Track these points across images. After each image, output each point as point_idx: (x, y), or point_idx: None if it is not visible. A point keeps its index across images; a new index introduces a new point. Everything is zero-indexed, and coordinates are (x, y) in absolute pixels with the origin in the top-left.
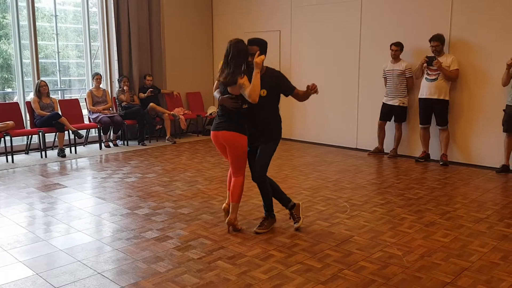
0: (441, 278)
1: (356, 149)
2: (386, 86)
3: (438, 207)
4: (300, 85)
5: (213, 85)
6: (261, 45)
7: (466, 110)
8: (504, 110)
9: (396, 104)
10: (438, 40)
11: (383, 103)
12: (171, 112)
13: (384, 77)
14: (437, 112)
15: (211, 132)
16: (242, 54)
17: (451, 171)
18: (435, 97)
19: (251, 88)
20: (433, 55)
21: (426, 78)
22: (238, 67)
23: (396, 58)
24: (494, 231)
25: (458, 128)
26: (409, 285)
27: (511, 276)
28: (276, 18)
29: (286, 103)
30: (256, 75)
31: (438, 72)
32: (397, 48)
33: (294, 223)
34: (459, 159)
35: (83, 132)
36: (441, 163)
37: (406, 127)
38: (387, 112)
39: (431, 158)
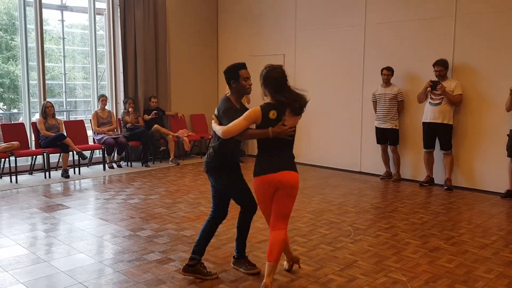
0: None
1: (360, 172)
2: (376, 109)
3: (443, 232)
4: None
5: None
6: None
7: (470, 134)
8: (508, 135)
9: (389, 127)
10: (442, 65)
11: (376, 127)
12: (175, 134)
13: (374, 101)
14: (441, 136)
15: (268, 175)
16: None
17: (455, 196)
18: (439, 121)
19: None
20: (437, 79)
21: (429, 102)
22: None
23: (387, 82)
24: (499, 257)
25: (462, 153)
26: None
27: None
28: (281, 42)
29: None
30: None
31: (442, 96)
32: (389, 73)
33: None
34: (464, 184)
35: (87, 153)
36: (445, 187)
37: (409, 151)
38: (381, 136)
39: (435, 182)
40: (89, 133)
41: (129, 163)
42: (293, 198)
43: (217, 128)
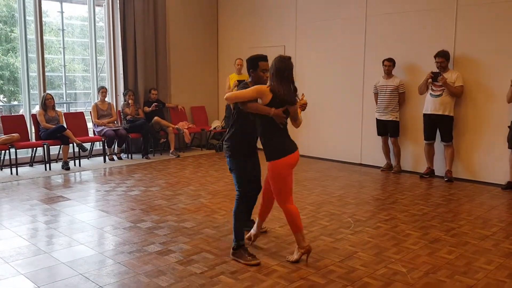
0: None
1: (361, 164)
2: (377, 101)
3: (443, 224)
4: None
5: (218, 99)
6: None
7: (471, 126)
8: (509, 126)
9: (389, 119)
10: (443, 56)
11: (377, 119)
12: (176, 126)
13: (375, 93)
14: (441, 128)
15: (294, 152)
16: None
17: (456, 188)
18: (440, 112)
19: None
20: (438, 71)
21: (430, 93)
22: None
23: (389, 73)
24: (500, 248)
25: (463, 144)
26: None
27: None
28: (281, 33)
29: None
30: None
31: (443, 88)
32: (390, 64)
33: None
34: (464, 176)
35: (87, 145)
36: (445, 179)
37: (409, 142)
38: (381, 128)
39: (436, 174)
40: (89, 125)
41: (129, 155)
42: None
43: (226, 95)
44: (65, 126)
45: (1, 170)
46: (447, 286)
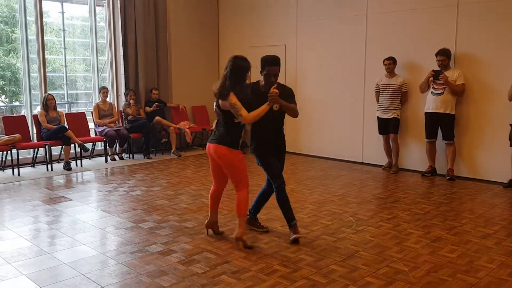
0: None
1: (362, 163)
2: (379, 99)
3: (445, 222)
4: (306, 99)
5: None
6: (280, 65)
7: (473, 124)
8: (510, 124)
9: (391, 116)
10: (444, 55)
11: (378, 117)
12: (177, 126)
13: (377, 91)
14: (443, 126)
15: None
16: (240, 71)
17: (457, 186)
18: (441, 111)
19: (252, 116)
20: (439, 69)
21: (432, 92)
22: (233, 82)
23: (391, 72)
24: (502, 246)
25: (465, 143)
26: None
27: None
28: (282, 32)
29: (290, 116)
30: (266, 108)
31: (444, 86)
32: (390, 62)
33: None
34: (466, 174)
35: (89, 145)
36: (447, 177)
37: (411, 141)
38: (383, 126)
39: (438, 172)
40: (91, 125)
41: (131, 155)
42: (228, 168)
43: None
44: (67, 127)
45: (3, 170)
46: (449, 284)
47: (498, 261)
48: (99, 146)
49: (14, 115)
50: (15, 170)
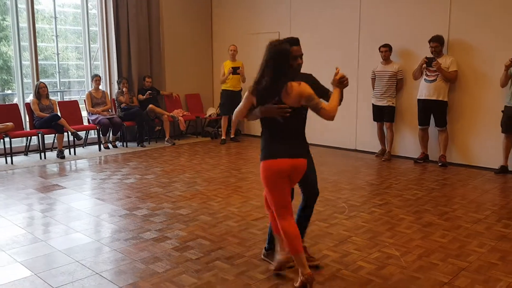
0: (439, 278)
1: (355, 150)
2: (374, 87)
3: (437, 208)
4: None
5: (213, 86)
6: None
7: (465, 111)
8: (502, 111)
9: (386, 104)
10: (437, 41)
11: (373, 104)
12: (170, 114)
13: (373, 78)
14: (436, 113)
15: (277, 159)
16: (286, 58)
17: (449, 172)
18: (434, 98)
19: (335, 107)
20: (432, 56)
21: (425, 79)
22: (285, 73)
23: (386, 59)
24: (492, 231)
25: (457, 129)
26: (407, 285)
27: (508, 276)
28: (275, 19)
29: None
30: (339, 93)
31: (437, 73)
32: (386, 49)
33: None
34: (458, 160)
35: (82, 133)
36: (439, 164)
37: (404, 128)
38: (378, 113)
39: (430, 159)
40: (84, 113)
41: (124, 143)
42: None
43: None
44: (59, 115)
45: None
46: (439, 268)
47: (489, 246)
48: (93, 134)
49: (6, 103)
50: (8, 159)
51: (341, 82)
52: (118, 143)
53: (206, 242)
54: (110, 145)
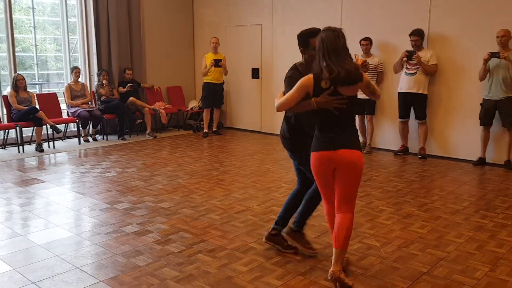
0: (418, 268)
1: None
2: None
3: (416, 199)
4: (282, 79)
5: (195, 79)
6: None
7: (444, 104)
8: (481, 104)
9: (366, 97)
10: (418, 35)
11: None
12: (152, 107)
13: None
14: (416, 106)
15: (326, 151)
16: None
17: (429, 164)
18: (414, 91)
19: (376, 87)
20: (413, 49)
21: (405, 72)
22: (351, 60)
23: (367, 52)
24: (470, 222)
25: (437, 122)
26: (387, 275)
27: (485, 265)
28: (257, 12)
29: (267, 97)
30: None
31: (417, 66)
32: (367, 42)
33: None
34: (437, 152)
35: (61, 126)
36: (419, 156)
37: (385, 121)
38: (359, 106)
39: (410, 151)
40: (63, 106)
41: (104, 137)
42: (356, 179)
43: (275, 102)
44: (38, 108)
45: None
46: (419, 259)
47: (466, 236)
48: (72, 127)
49: None
50: None
51: (364, 66)
52: (98, 136)
53: (188, 235)
54: (90, 138)
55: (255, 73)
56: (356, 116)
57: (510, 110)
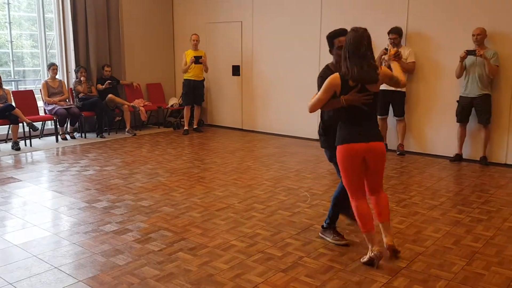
0: (397, 263)
1: (317, 140)
2: None
3: (395, 195)
4: (262, 77)
5: (175, 76)
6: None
7: (422, 101)
8: (457, 101)
9: None
10: (396, 33)
11: None
12: (131, 104)
13: None
14: (394, 103)
15: (354, 143)
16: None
17: (407, 161)
18: (392, 88)
19: (402, 76)
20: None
21: None
22: (373, 59)
23: None
24: (447, 217)
25: (414, 119)
26: (366, 270)
27: (462, 259)
28: (238, 8)
29: (247, 94)
30: (398, 65)
31: None
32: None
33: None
34: (415, 149)
35: (38, 124)
36: (398, 152)
37: None
38: None
39: (389, 148)
40: (40, 103)
41: (83, 134)
42: (383, 165)
43: (308, 104)
44: (14, 105)
45: None
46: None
47: (444, 231)
48: (49, 125)
49: None
50: None
51: (397, 56)
52: (76, 134)
53: (168, 233)
54: (68, 136)
55: (236, 70)
56: None
57: (486, 107)
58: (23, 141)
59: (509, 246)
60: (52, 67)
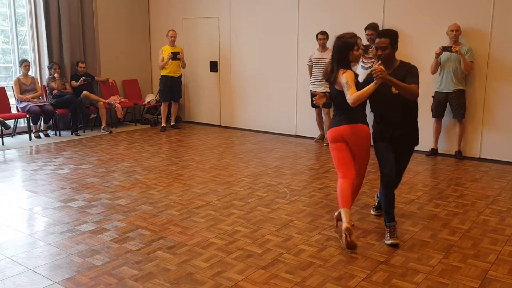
0: (376, 258)
1: (296, 136)
2: (312, 73)
3: (372, 190)
4: (240, 73)
5: (151, 72)
6: (392, 37)
7: None
8: (433, 96)
9: (323, 90)
10: (373, 29)
11: (311, 91)
12: (107, 101)
13: (310, 65)
14: None
15: (337, 127)
16: (343, 48)
17: None
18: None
19: (357, 95)
20: (368, 43)
21: (361, 66)
22: (339, 63)
23: (324, 46)
24: (424, 211)
25: None
26: (346, 265)
27: (439, 253)
28: (215, 4)
29: (226, 90)
30: (372, 87)
31: (373, 60)
32: (324, 37)
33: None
34: None
35: (10, 122)
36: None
37: None
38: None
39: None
40: (12, 101)
41: (57, 132)
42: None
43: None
44: None
45: None
46: (376, 248)
47: (421, 225)
48: (22, 123)
49: None
50: None
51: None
52: (50, 132)
53: (146, 232)
54: (41, 134)
55: (213, 66)
56: (314, 109)
57: (460, 102)
58: None
59: (484, 239)
60: (24, 64)
